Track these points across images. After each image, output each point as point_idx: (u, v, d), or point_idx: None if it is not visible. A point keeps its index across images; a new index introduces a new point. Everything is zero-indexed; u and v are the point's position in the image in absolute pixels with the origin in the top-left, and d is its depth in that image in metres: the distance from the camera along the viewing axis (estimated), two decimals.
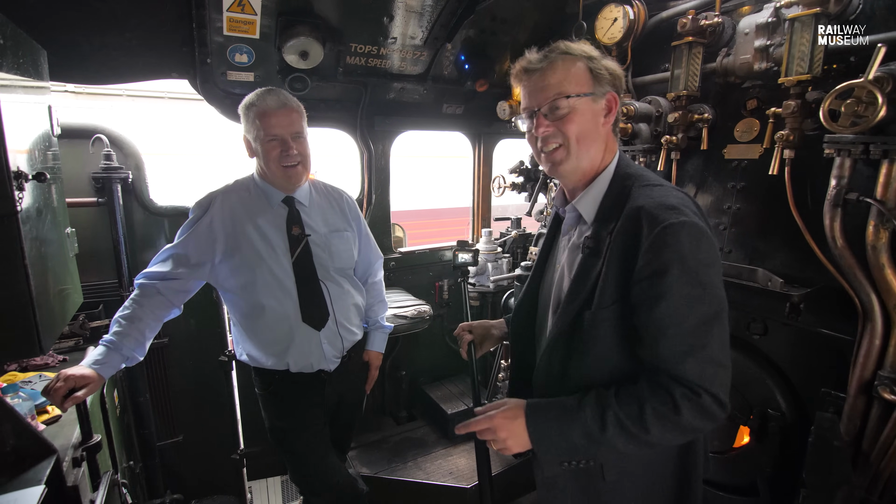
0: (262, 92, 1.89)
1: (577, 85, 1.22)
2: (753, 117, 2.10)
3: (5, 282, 1.34)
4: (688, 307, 1.08)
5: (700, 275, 1.09)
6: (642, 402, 1.11)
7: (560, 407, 1.19)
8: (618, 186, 1.25)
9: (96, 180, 2.58)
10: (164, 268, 1.93)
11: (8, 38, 1.41)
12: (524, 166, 3.56)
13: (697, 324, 1.09)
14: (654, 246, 1.09)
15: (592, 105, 1.24)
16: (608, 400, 1.14)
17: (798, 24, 1.76)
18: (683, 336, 1.09)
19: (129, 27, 2.27)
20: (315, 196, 2.12)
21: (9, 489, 1.32)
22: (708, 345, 1.09)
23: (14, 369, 2.11)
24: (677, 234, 1.08)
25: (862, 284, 1.73)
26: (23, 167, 1.38)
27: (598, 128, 1.26)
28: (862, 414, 1.77)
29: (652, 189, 1.19)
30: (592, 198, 1.28)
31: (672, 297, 1.08)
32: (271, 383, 2.08)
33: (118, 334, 1.77)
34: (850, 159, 1.69)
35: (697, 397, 1.08)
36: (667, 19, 2.38)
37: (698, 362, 1.08)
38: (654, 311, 1.10)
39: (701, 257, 1.09)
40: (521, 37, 3.08)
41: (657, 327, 1.10)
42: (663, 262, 1.08)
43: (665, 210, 1.11)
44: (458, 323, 4.29)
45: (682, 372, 1.08)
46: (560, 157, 1.26)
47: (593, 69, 1.23)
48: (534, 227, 3.62)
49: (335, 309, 2.07)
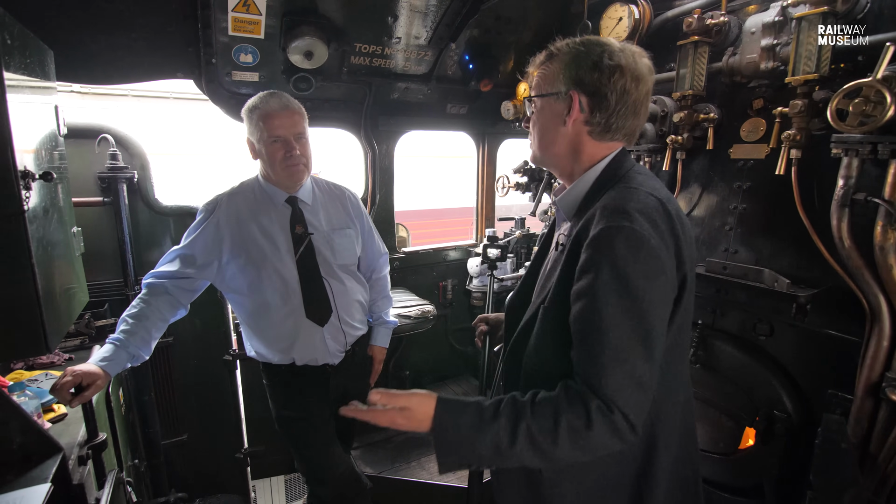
0: (265, 95, 1.94)
1: (544, 85, 1.24)
2: (759, 117, 2.09)
3: (12, 280, 1.35)
4: (614, 316, 1.02)
5: (632, 286, 1.02)
6: (558, 415, 1.04)
7: (476, 412, 1.10)
8: (599, 185, 1.22)
9: (102, 180, 2.59)
10: (172, 267, 1.98)
11: (15, 38, 1.41)
12: (528, 166, 3.55)
13: (622, 336, 1.02)
14: (589, 245, 1.07)
15: (554, 105, 1.23)
16: (525, 409, 1.07)
17: (805, 23, 1.75)
18: (603, 345, 1.02)
19: (135, 27, 2.28)
20: (318, 194, 2.16)
21: (15, 487, 1.33)
22: (629, 360, 1.02)
23: (20, 368, 2.12)
24: (611, 238, 1.04)
25: (870, 285, 1.71)
26: (30, 167, 1.38)
27: (557, 129, 1.23)
28: (869, 416, 1.76)
29: (623, 190, 1.15)
30: (573, 196, 1.26)
31: (597, 301, 1.03)
32: (278, 374, 2.14)
33: (125, 332, 1.81)
34: (858, 159, 1.68)
35: (610, 413, 1.01)
36: (672, 18, 2.37)
37: (616, 377, 1.02)
38: (578, 311, 1.07)
39: (637, 267, 1.03)
40: (525, 37, 3.08)
41: (579, 329, 1.07)
42: (594, 262, 1.05)
43: (613, 213, 1.07)
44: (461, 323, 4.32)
45: (596, 382, 1.02)
46: (531, 148, 1.33)
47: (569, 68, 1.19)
48: (538, 227, 3.61)
49: (338, 305, 2.12)
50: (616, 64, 1.15)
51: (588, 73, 1.16)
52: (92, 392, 1.62)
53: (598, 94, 1.17)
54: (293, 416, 2.16)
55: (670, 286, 1.11)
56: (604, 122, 1.19)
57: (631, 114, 1.20)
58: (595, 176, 1.23)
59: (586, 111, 1.19)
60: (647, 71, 1.20)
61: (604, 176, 1.23)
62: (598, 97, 1.17)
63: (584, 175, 1.25)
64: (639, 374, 1.03)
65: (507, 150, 4.07)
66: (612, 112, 1.18)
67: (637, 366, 1.03)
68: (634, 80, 1.17)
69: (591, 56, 1.17)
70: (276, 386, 2.18)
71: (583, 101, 1.18)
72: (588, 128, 1.21)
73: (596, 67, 1.16)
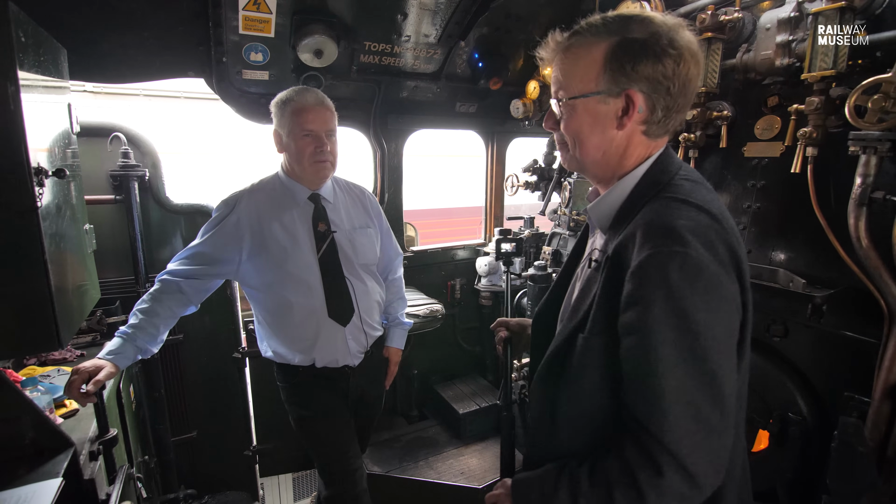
0: (300, 89, 1.94)
1: (580, 82, 1.02)
2: (774, 114, 2.05)
3: (25, 277, 1.36)
4: (672, 356, 0.89)
5: (691, 321, 0.88)
6: (611, 485, 0.95)
7: (538, 489, 1.08)
8: (639, 194, 1.04)
9: (114, 178, 2.61)
10: (188, 265, 1.95)
11: (29, 37, 1.43)
12: (538, 165, 3.53)
13: (684, 378, 0.89)
14: (636, 274, 0.92)
15: (599, 107, 1.01)
16: (580, 483, 0.99)
17: (822, 19, 1.72)
18: (663, 389, 0.89)
19: (147, 26, 2.30)
20: (339, 193, 2.15)
21: (27, 481, 1.34)
22: (693, 404, 0.89)
23: (33, 363, 2.14)
24: (664, 267, 0.89)
25: (888, 286, 1.67)
26: (43, 164, 1.39)
27: (605, 133, 1.03)
28: (887, 419, 1.72)
29: (669, 202, 0.97)
30: (608, 204, 1.09)
31: (651, 339, 0.89)
32: (296, 375, 2.10)
33: (134, 327, 1.81)
34: (877, 157, 1.64)
35: (658, 477, 0.89)
36: (685, 15, 2.33)
37: (681, 423, 0.89)
38: (629, 349, 0.94)
39: (696, 300, 0.88)
40: (535, 34, 3.05)
41: (633, 370, 0.94)
42: (643, 294, 0.90)
43: (661, 233, 0.91)
44: (469, 323, 4.30)
45: (657, 430, 0.90)
46: (563, 154, 1.13)
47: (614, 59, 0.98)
48: (547, 227, 3.59)
49: (359, 305, 2.10)
50: (679, 51, 0.96)
51: (648, 66, 0.96)
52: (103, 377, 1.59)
53: (659, 89, 0.98)
54: (314, 417, 2.13)
55: (735, 316, 0.97)
56: (663, 118, 1.02)
57: (688, 103, 1.04)
58: (634, 181, 1.06)
59: (645, 110, 1.00)
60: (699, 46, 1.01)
61: (644, 181, 1.05)
62: (660, 92, 0.98)
63: (623, 180, 1.08)
64: (706, 418, 0.90)
65: (517, 148, 4.05)
66: (674, 106, 1.01)
67: (703, 410, 0.89)
68: (696, 64, 1.00)
69: (646, 42, 0.96)
70: (294, 387, 2.13)
71: (641, 99, 0.99)
72: (643, 127, 1.03)
73: (656, 57, 0.96)
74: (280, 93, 1.96)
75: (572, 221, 3.02)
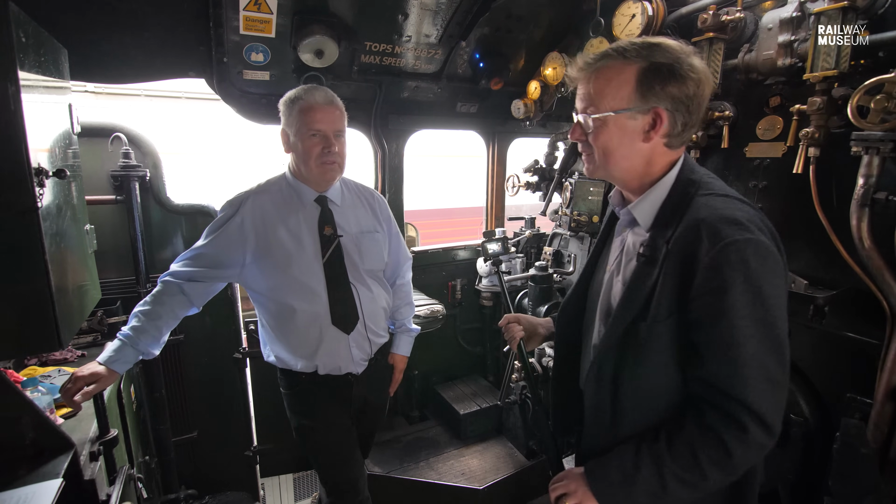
0: (309, 87, 1.88)
1: (611, 100, 1.16)
2: (776, 115, 2.05)
3: (26, 276, 1.36)
4: (750, 328, 1.05)
5: (764, 294, 1.05)
6: (695, 451, 1.10)
7: (618, 471, 1.19)
8: (678, 193, 1.20)
9: (115, 178, 2.61)
10: (191, 267, 1.90)
11: (30, 37, 1.43)
12: (539, 165, 3.53)
13: (759, 345, 1.06)
14: (715, 262, 1.05)
15: (627, 122, 1.16)
16: (662, 457, 1.13)
17: (824, 19, 1.71)
18: (744, 357, 1.06)
19: (148, 26, 2.29)
20: (346, 195, 2.09)
21: (27, 482, 1.34)
22: (767, 367, 1.06)
23: (34, 364, 2.14)
24: (742, 252, 1.04)
25: (891, 287, 1.67)
26: (44, 164, 1.40)
27: (632, 145, 1.19)
28: (890, 420, 1.71)
29: (714, 199, 1.14)
30: (650, 203, 1.23)
31: (734, 316, 1.05)
32: (298, 383, 2.05)
33: (135, 329, 1.78)
34: (879, 157, 1.64)
35: (744, 433, 1.06)
36: (686, 15, 2.33)
37: (759, 387, 1.06)
38: (714, 329, 1.07)
39: (766, 276, 1.05)
40: (536, 34, 3.05)
41: (717, 346, 1.08)
42: (725, 279, 1.05)
43: (728, 225, 1.07)
44: (470, 323, 4.28)
45: (739, 393, 1.06)
46: (589, 164, 1.26)
47: (644, 80, 1.13)
48: (548, 227, 3.58)
49: (364, 312, 2.03)
50: (698, 75, 1.14)
51: (674, 87, 1.12)
52: (95, 389, 1.62)
53: (680, 107, 1.15)
54: (315, 426, 2.08)
55: (786, 288, 1.14)
56: (681, 131, 1.18)
57: (701, 119, 1.21)
58: (670, 183, 1.22)
59: (667, 126, 1.16)
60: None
61: (679, 183, 1.21)
62: (680, 110, 1.15)
63: (660, 183, 1.22)
64: (775, 377, 1.08)
65: (518, 149, 4.04)
66: (689, 122, 1.17)
67: (773, 371, 1.07)
68: (709, 86, 1.18)
69: (672, 67, 1.12)
70: (297, 395, 2.08)
71: (666, 116, 1.15)
72: (665, 140, 1.19)
73: (681, 79, 1.12)
74: (288, 91, 1.91)
75: (573, 222, 3.02)
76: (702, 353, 1.11)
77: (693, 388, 1.16)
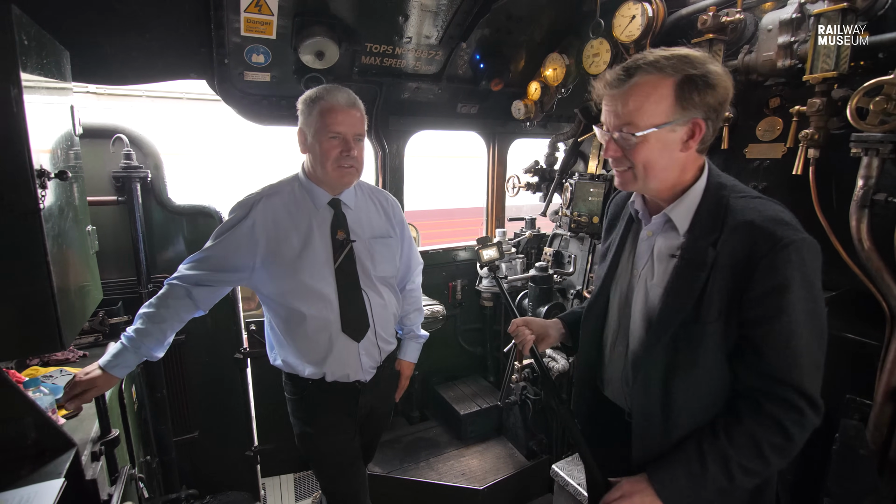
0: (330, 87, 1.82)
1: (651, 116, 1.17)
2: (776, 116, 2.05)
3: (28, 278, 1.37)
4: (806, 321, 1.12)
5: (815, 289, 1.13)
6: (757, 440, 1.16)
7: (685, 473, 1.22)
8: (712, 197, 1.24)
9: (116, 179, 2.62)
10: (198, 271, 1.84)
11: (32, 39, 1.43)
12: (539, 166, 3.53)
13: (810, 336, 1.14)
14: (775, 263, 1.11)
15: (668, 135, 1.19)
16: (726, 451, 1.18)
17: (824, 20, 1.71)
18: (801, 348, 1.13)
19: (150, 28, 2.30)
20: (360, 198, 2.03)
21: (29, 482, 1.35)
22: (815, 352, 1.15)
23: (36, 364, 2.15)
24: (800, 251, 1.10)
25: (890, 288, 1.67)
26: (46, 166, 1.40)
27: (671, 156, 1.21)
28: (889, 422, 1.71)
29: (751, 201, 1.20)
30: (686, 208, 1.26)
31: (794, 312, 1.11)
32: (304, 389, 2.00)
33: (139, 332, 1.75)
34: (879, 159, 1.64)
35: (802, 416, 1.14)
36: (686, 16, 2.34)
37: (812, 374, 1.15)
38: (774, 324, 1.13)
39: (817, 272, 1.13)
40: (536, 35, 3.06)
41: (776, 339, 1.14)
42: (785, 278, 1.10)
43: (780, 226, 1.13)
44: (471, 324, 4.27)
45: (796, 381, 1.13)
46: (627, 179, 1.28)
47: (682, 92, 1.15)
48: (548, 228, 3.59)
49: (375, 320, 1.98)
50: (725, 82, 1.17)
51: (709, 96, 1.16)
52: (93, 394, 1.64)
53: (712, 115, 1.19)
54: (318, 435, 2.03)
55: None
56: (711, 136, 1.22)
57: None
58: (702, 188, 1.26)
59: (704, 134, 1.19)
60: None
61: (711, 187, 1.26)
62: (712, 117, 1.19)
63: (693, 188, 1.26)
64: (820, 362, 1.17)
65: (518, 149, 4.05)
66: (717, 126, 1.22)
67: (819, 357, 1.17)
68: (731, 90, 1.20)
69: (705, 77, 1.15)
70: (302, 401, 2.02)
71: (703, 125, 1.18)
72: (698, 146, 1.22)
73: (714, 88, 1.15)
74: (308, 90, 1.85)
75: (573, 223, 3.02)
76: (759, 346, 1.16)
77: (746, 381, 1.21)
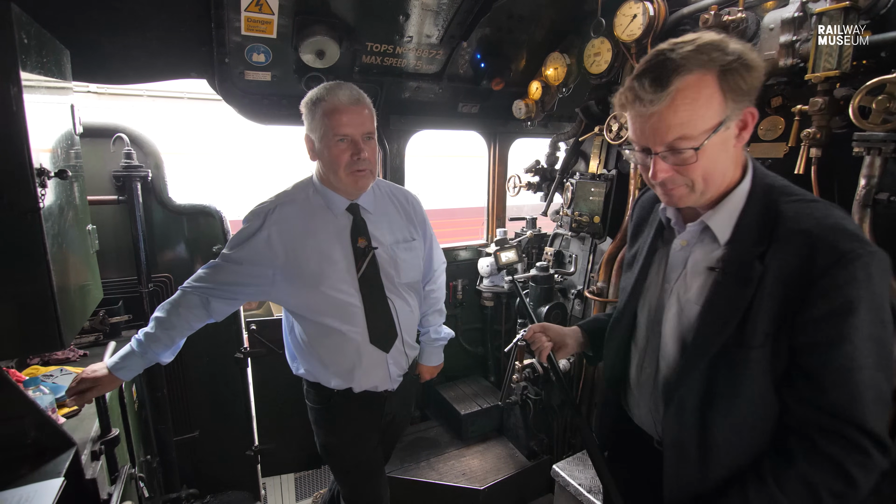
0: (332, 85, 1.70)
1: (705, 120, 1.01)
2: (778, 115, 2.04)
3: (28, 277, 1.37)
4: (872, 349, 0.96)
5: (884, 312, 0.97)
6: (814, 487, 0.99)
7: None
8: (759, 202, 1.08)
9: (117, 178, 2.62)
10: (212, 283, 1.78)
11: (32, 38, 1.43)
12: (540, 166, 3.52)
13: (875, 366, 0.97)
14: (837, 281, 0.95)
15: (724, 134, 1.03)
16: (776, 498, 1.02)
17: (826, 19, 1.71)
18: (865, 379, 0.97)
19: (150, 27, 2.30)
20: (379, 200, 1.91)
21: (29, 481, 1.35)
22: (881, 384, 0.98)
23: (36, 363, 2.15)
24: (868, 268, 0.94)
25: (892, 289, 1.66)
26: (46, 165, 1.40)
27: (728, 154, 1.07)
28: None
29: (807, 205, 1.03)
30: (728, 213, 1.10)
31: (859, 339, 0.96)
32: (330, 398, 1.93)
33: (148, 336, 1.74)
34: (881, 158, 1.63)
35: (866, 457, 0.97)
36: (688, 15, 2.33)
37: (877, 405, 0.98)
38: (834, 352, 0.97)
39: (886, 293, 0.97)
40: (537, 35, 3.05)
41: (836, 369, 0.98)
42: (850, 299, 0.95)
43: (845, 237, 0.96)
44: (471, 324, 4.26)
45: (858, 418, 0.97)
46: (681, 195, 1.10)
47: (727, 84, 1.00)
48: (549, 228, 3.58)
49: (402, 328, 1.91)
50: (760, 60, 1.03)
51: (751, 78, 1.01)
52: (96, 393, 1.65)
53: (754, 96, 1.05)
54: (344, 445, 1.98)
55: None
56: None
57: None
58: (746, 189, 1.10)
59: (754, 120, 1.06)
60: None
61: (757, 188, 1.10)
62: (753, 98, 1.05)
63: (736, 190, 1.11)
64: (884, 395, 0.99)
65: (519, 149, 4.04)
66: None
67: (885, 391, 0.99)
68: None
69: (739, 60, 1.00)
70: (327, 410, 1.95)
71: (754, 111, 1.05)
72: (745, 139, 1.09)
73: (751, 69, 1.01)
74: (310, 91, 1.74)
75: (574, 222, 3.01)
76: (814, 376, 1.00)
77: (798, 416, 1.04)
